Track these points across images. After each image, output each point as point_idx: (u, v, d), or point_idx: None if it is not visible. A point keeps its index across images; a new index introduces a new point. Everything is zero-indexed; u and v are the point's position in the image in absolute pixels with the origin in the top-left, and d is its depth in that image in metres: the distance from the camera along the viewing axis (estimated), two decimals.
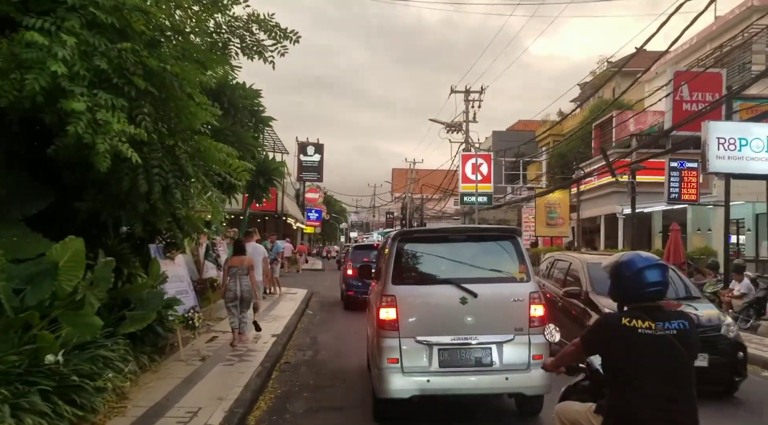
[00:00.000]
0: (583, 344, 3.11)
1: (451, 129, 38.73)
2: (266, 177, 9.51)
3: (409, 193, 60.88)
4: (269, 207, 34.14)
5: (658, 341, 2.81)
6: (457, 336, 5.58)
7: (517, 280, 5.86)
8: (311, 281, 25.73)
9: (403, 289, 5.76)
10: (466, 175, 30.47)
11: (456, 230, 6.67)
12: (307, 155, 48.49)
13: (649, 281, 2.91)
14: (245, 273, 9.48)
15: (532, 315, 5.68)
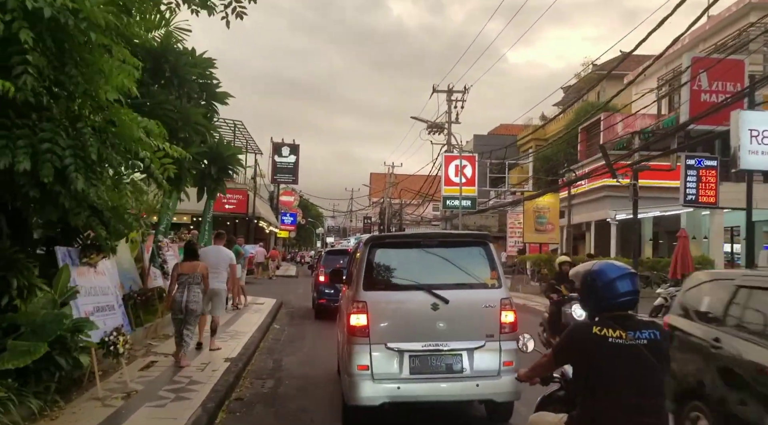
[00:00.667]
0: (554, 354, 3.05)
1: (432, 130, 37.13)
2: (220, 166, 7.61)
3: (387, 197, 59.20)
4: (239, 209, 32.11)
5: (628, 351, 2.77)
6: (428, 342, 5.54)
7: (488, 286, 5.85)
8: (282, 289, 23.80)
9: (374, 295, 5.68)
10: (449, 177, 28.88)
11: (428, 236, 6.57)
12: (282, 155, 46.48)
13: (621, 291, 2.86)
14: (197, 282, 8.08)
15: (503, 321, 5.66)
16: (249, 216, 32.34)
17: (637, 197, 15.39)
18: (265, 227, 38.40)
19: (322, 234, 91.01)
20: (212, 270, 8.80)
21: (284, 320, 14.48)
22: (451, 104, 36.02)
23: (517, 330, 5.61)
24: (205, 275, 8.19)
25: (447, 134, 36.42)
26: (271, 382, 8.04)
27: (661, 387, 2.83)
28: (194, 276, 8.03)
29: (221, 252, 9.84)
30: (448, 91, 35.55)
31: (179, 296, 7.94)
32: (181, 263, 8.44)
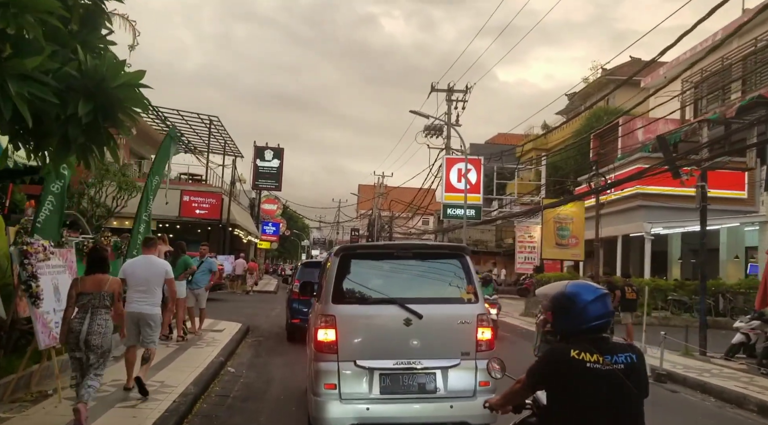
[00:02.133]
0: (528, 379, 2.80)
1: (430, 132, 33.81)
2: (100, 105, 4.08)
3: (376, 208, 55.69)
4: (212, 215, 28.36)
5: (606, 376, 2.57)
6: (400, 360, 5.20)
7: (464, 301, 5.51)
8: (256, 308, 20.05)
9: (343, 309, 5.31)
10: (450, 183, 25.45)
11: (402, 247, 6.00)
12: (265, 159, 42.86)
13: (596, 314, 2.66)
14: (104, 304, 5.66)
15: (479, 339, 5.34)
16: (223, 223, 28.55)
17: (705, 202, 11.92)
18: (242, 236, 34.58)
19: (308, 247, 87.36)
20: (140, 288, 6.94)
21: (245, 356, 10.76)
22: (451, 105, 32.89)
23: (494, 347, 5.42)
24: (116, 295, 5.74)
25: (446, 136, 33.15)
26: None
27: (639, 415, 2.63)
28: (99, 297, 5.61)
29: (153, 264, 7.20)
30: (448, 91, 32.22)
31: (77, 325, 5.50)
32: (81, 278, 5.83)
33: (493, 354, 5.18)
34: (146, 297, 6.93)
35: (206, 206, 27.94)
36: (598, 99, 33.30)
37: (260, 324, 15.63)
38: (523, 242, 25.34)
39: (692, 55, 24.99)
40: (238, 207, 35.08)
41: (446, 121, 32.43)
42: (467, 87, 32.38)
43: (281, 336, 13.48)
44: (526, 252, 25.22)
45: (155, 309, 7.05)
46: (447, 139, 33.32)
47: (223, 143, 34.47)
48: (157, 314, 7.07)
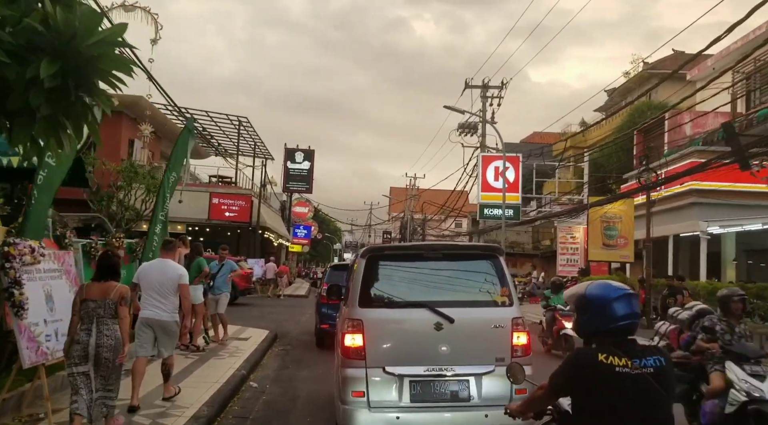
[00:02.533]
0: (552, 385, 2.64)
1: (464, 130, 32.71)
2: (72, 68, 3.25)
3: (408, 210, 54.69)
4: (241, 217, 27.78)
5: (635, 381, 2.44)
6: (431, 366, 4.96)
7: (498, 304, 5.26)
8: (286, 313, 19.28)
9: (371, 313, 5.09)
10: (487, 181, 24.31)
11: (431, 248, 5.76)
12: (296, 161, 42.29)
13: (620, 313, 2.53)
14: (110, 314, 5.12)
15: (514, 344, 5.08)
16: (253, 225, 27.93)
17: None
18: (273, 239, 33.97)
19: (340, 250, 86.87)
20: (154, 295, 6.39)
21: (271, 367, 9.90)
22: (486, 101, 31.72)
23: (530, 353, 5.14)
24: (121, 302, 5.15)
25: (481, 134, 31.99)
26: None
27: (669, 420, 2.54)
28: (105, 305, 5.07)
29: (168, 269, 6.60)
30: (483, 87, 31.09)
31: (84, 336, 4.97)
32: (88, 284, 5.33)
33: (530, 360, 5.01)
34: (161, 303, 6.38)
35: (236, 208, 27.37)
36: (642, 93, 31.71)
37: (289, 331, 14.80)
38: (565, 244, 24.03)
39: (743, 45, 23.42)
40: (269, 210, 34.52)
41: (481, 117, 31.33)
42: (503, 83, 31.18)
43: (310, 344, 12.62)
44: (569, 254, 23.91)
45: (173, 316, 6.47)
46: (482, 137, 32.15)
47: (252, 145, 33.97)
48: (174, 322, 6.51)
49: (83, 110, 3.57)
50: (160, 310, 6.35)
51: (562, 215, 22.89)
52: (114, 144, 27.55)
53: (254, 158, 34.04)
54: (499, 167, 24.03)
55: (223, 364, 8.97)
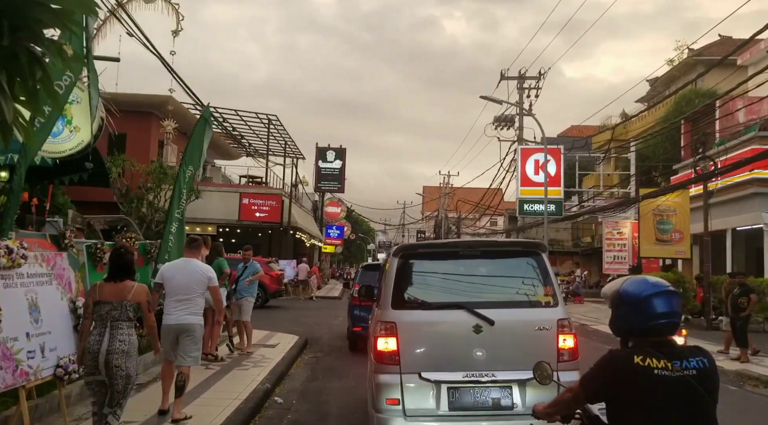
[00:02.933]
0: (584, 389, 2.43)
1: (500, 124, 31.48)
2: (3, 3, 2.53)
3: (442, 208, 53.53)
4: (272, 218, 27.12)
5: (677, 384, 2.24)
6: (471, 371, 4.65)
7: (542, 304, 4.92)
8: (318, 316, 18.47)
9: (405, 315, 4.83)
10: (526, 175, 23.13)
11: (468, 245, 5.41)
12: (327, 160, 41.61)
13: (658, 311, 2.32)
14: (128, 315, 4.65)
15: (560, 347, 4.73)
16: (284, 226, 27.26)
17: None
18: (305, 239, 33.30)
19: (373, 250, 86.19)
20: (180, 297, 6.03)
21: (299, 378, 9.02)
22: (523, 93, 30.45)
23: (578, 357, 4.75)
24: (144, 305, 4.77)
25: (518, 127, 30.74)
26: None
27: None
28: (121, 307, 4.63)
29: (194, 269, 6.19)
30: (520, 78, 29.83)
31: (95, 343, 4.53)
32: (100, 284, 4.84)
33: (577, 364, 4.69)
34: (187, 306, 6.00)
35: (266, 208, 26.74)
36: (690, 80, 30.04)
37: (320, 336, 13.95)
38: (612, 240, 22.65)
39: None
40: (301, 210, 33.88)
41: (519, 109, 30.09)
42: (540, 73, 29.91)
43: (343, 350, 11.75)
44: (615, 250, 22.53)
45: (197, 319, 6.09)
46: (519, 130, 30.96)
47: (283, 144, 33.38)
48: (199, 325, 6.12)
49: (30, 64, 2.71)
50: (185, 312, 5.97)
51: (609, 209, 21.54)
52: (143, 145, 27.26)
53: (285, 158, 33.42)
54: (539, 160, 22.84)
55: (246, 376, 8.12)
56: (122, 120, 28.38)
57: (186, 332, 5.97)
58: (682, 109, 29.79)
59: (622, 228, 22.58)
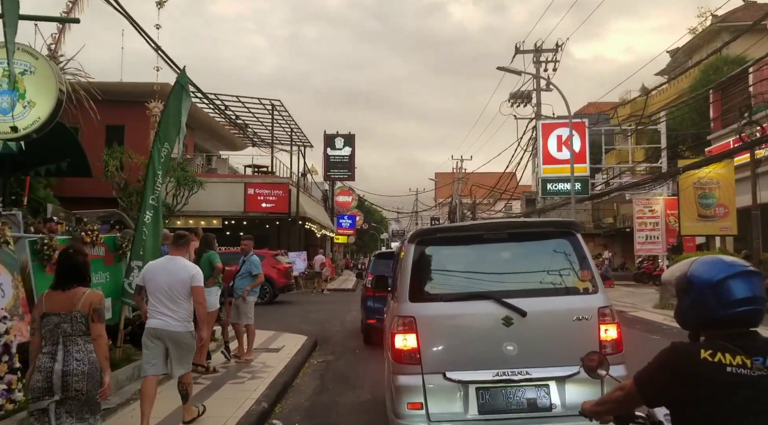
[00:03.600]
0: (640, 389, 2.04)
1: (517, 100, 29.82)
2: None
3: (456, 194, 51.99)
4: (279, 208, 25.74)
5: (756, 385, 1.85)
6: (502, 369, 4.18)
7: (579, 291, 4.40)
8: (330, 311, 17.10)
9: (425, 307, 4.35)
10: (549, 153, 21.57)
11: (493, 227, 4.80)
12: (336, 148, 40.20)
13: (736, 297, 1.92)
14: (83, 330, 3.88)
15: (603, 339, 4.24)
16: (292, 216, 25.86)
17: None
18: (315, 230, 31.94)
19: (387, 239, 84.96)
20: (162, 300, 5.28)
21: (305, 391, 7.61)
22: (540, 67, 28.74)
23: (622, 349, 4.29)
24: (94, 315, 3.88)
25: (536, 103, 29.05)
26: None
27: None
28: (72, 318, 3.83)
29: (176, 268, 5.44)
30: (536, 51, 28.07)
31: (47, 361, 3.77)
32: (47, 294, 4.02)
33: (622, 358, 4.23)
34: (171, 310, 5.32)
35: (273, 198, 25.37)
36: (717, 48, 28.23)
37: (332, 334, 12.57)
38: (643, 218, 21.02)
39: None
40: (310, 199, 32.49)
41: (536, 83, 28.40)
42: (557, 45, 28.18)
43: (357, 352, 10.38)
44: (647, 230, 20.91)
45: (186, 326, 5.36)
46: (537, 106, 29.23)
47: (289, 132, 31.95)
48: (188, 333, 5.39)
49: None
50: (170, 318, 5.28)
51: (644, 184, 19.89)
52: (143, 136, 25.88)
53: (291, 145, 32.01)
54: (562, 136, 21.26)
55: (240, 393, 6.74)
56: (120, 111, 26.99)
57: (174, 342, 5.32)
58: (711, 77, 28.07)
59: (654, 206, 20.96)
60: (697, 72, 30.07)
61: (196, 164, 28.61)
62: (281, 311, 16.73)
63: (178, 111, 7.30)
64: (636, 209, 21.10)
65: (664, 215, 20.84)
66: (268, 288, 18.57)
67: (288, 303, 19.18)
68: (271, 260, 18.93)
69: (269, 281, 18.60)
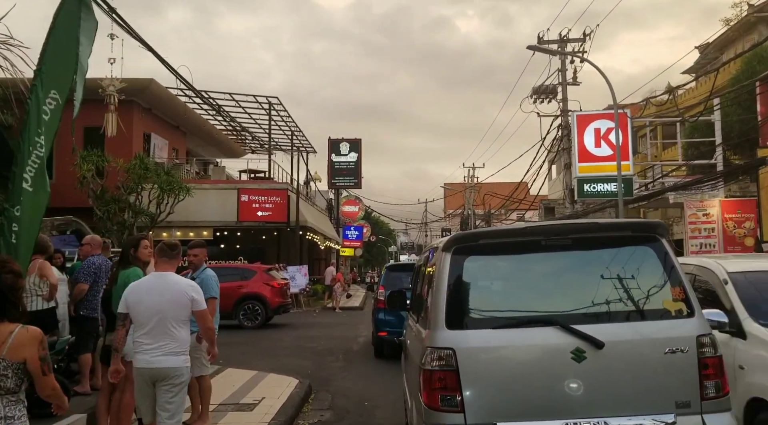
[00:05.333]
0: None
1: (540, 96, 27.03)
2: None
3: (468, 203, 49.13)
4: (277, 217, 22.91)
5: None
6: (572, 419, 3.27)
7: (671, 315, 3.49)
8: (333, 336, 14.16)
9: (468, 337, 3.45)
10: (585, 148, 18.76)
11: (555, 231, 3.77)
12: (341, 154, 37.51)
13: None
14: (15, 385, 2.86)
15: (704, 378, 3.34)
16: (292, 225, 23.01)
17: None
18: (318, 242, 29.06)
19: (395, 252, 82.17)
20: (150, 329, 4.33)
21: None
22: (565, 60, 26.00)
23: (728, 391, 3.40)
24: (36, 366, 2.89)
25: (562, 99, 26.23)
26: None
27: None
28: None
29: (169, 287, 4.37)
30: (560, 41, 25.32)
31: None
32: None
33: (729, 402, 3.36)
34: (165, 342, 4.27)
35: (269, 206, 22.55)
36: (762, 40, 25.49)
37: (332, 373, 9.67)
38: (697, 224, 18.06)
39: None
40: (312, 208, 29.67)
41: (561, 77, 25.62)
42: (585, 34, 25.41)
43: (366, 399, 7.50)
44: (702, 237, 17.94)
45: (184, 360, 4.36)
46: (563, 102, 26.37)
47: (289, 134, 29.23)
48: (185, 368, 4.38)
49: None
50: (161, 353, 4.26)
51: (713, 180, 16.96)
52: (124, 139, 23.19)
53: (292, 149, 29.26)
54: (600, 129, 18.44)
55: None
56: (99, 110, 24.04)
57: (165, 378, 4.30)
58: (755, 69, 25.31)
59: (709, 209, 18.03)
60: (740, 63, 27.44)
61: (186, 170, 25.91)
62: (273, 338, 13.86)
63: (72, 37, 4.47)
64: (688, 213, 18.14)
65: (720, 220, 17.90)
66: (260, 309, 15.74)
67: (283, 327, 16.29)
68: (264, 276, 16.10)
69: (261, 301, 15.78)
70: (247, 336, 13.69)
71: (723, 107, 23.74)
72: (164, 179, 20.31)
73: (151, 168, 20.90)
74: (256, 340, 13.19)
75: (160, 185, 20.16)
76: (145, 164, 20.71)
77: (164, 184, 20.19)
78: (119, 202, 21.00)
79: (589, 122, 18.94)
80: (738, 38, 33.01)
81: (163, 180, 20.25)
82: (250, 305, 15.67)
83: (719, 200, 18.22)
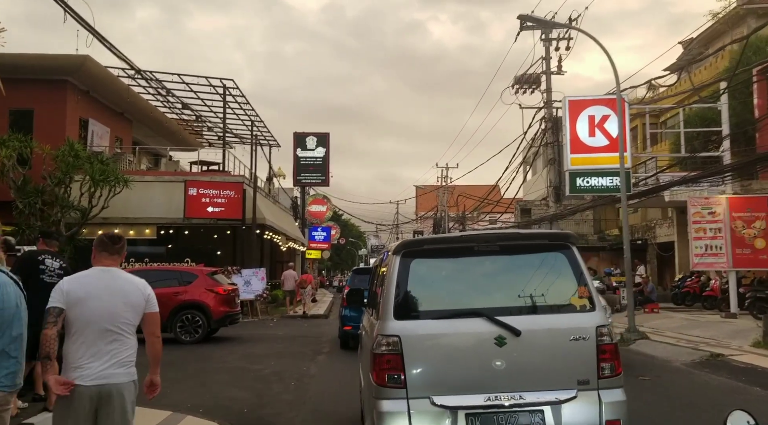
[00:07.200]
0: None
1: (522, 86, 25.07)
2: None
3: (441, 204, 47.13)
4: (231, 213, 20.31)
5: None
6: (493, 394, 3.94)
7: (576, 309, 4.17)
8: (288, 353, 11.63)
9: (410, 326, 4.08)
10: (578, 137, 16.71)
11: (484, 238, 4.54)
12: (307, 148, 35.05)
13: None
14: None
15: (602, 360, 4.01)
16: (247, 223, 20.42)
17: None
18: (279, 242, 26.50)
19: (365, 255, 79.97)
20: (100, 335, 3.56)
21: None
22: (549, 47, 24.10)
23: (621, 371, 4.05)
24: None
25: (546, 90, 24.27)
26: None
27: None
28: None
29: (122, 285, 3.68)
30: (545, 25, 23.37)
31: None
32: None
33: (621, 380, 4.01)
34: (114, 351, 3.54)
35: (221, 201, 19.96)
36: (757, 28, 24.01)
37: (278, 411, 7.22)
38: (701, 223, 16.17)
39: None
40: (273, 205, 27.13)
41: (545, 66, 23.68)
42: (570, 19, 23.47)
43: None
44: (707, 238, 16.06)
45: (131, 373, 3.62)
46: (547, 92, 24.49)
47: (249, 124, 26.63)
48: (133, 383, 3.63)
49: None
50: (109, 365, 3.50)
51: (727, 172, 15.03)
52: (56, 123, 20.33)
53: (252, 139, 26.64)
54: (595, 116, 16.41)
55: None
56: (27, 91, 20.79)
57: (111, 400, 3.45)
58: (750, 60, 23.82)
59: (715, 207, 16.15)
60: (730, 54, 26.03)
61: (128, 161, 23.13)
62: (211, 356, 11.33)
63: None
64: (691, 211, 16.23)
65: (728, 218, 16.04)
66: (201, 320, 13.20)
67: (229, 341, 13.73)
68: (206, 280, 13.57)
69: (202, 311, 13.25)
70: (179, 354, 11.16)
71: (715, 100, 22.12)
72: (97, 169, 17.63)
73: (83, 156, 18.19)
74: (189, 360, 10.69)
75: (92, 175, 17.48)
76: (76, 150, 17.99)
77: (97, 174, 17.51)
78: (44, 194, 18.27)
79: (582, 109, 16.91)
80: (726, 31, 31.87)
81: (96, 170, 17.58)
82: (189, 316, 13.13)
83: (726, 197, 16.36)
